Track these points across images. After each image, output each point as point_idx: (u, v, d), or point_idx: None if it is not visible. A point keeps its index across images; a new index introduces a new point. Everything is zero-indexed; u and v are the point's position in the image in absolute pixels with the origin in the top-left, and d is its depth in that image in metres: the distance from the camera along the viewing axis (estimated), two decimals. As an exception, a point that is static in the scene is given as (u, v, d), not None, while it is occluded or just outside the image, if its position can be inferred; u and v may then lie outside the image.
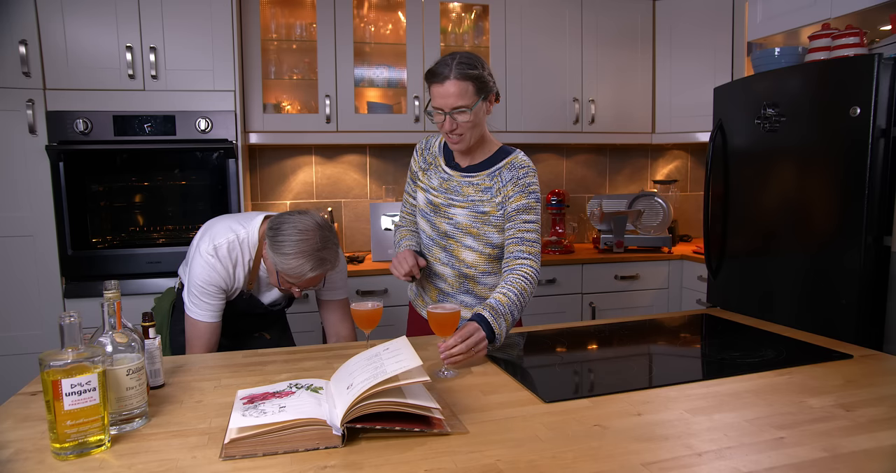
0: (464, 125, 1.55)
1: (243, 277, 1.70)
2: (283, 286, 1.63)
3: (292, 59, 3.10)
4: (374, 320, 1.46)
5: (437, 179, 1.71)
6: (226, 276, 1.65)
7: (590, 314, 3.07)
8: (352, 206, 3.31)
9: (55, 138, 2.45)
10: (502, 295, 1.50)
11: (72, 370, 0.96)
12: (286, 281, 1.60)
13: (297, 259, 1.51)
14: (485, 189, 1.65)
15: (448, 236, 1.68)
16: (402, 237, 1.80)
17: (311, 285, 1.64)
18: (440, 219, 1.69)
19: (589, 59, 3.26)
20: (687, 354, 1.59)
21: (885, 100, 1.86)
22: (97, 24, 2.47)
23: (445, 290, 1.75)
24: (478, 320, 1.42)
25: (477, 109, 1.55)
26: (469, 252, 1.68)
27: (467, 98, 1.52)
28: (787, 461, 0.93)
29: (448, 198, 1.68)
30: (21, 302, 2.48)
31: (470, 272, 1.70)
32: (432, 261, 1.74)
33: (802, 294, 2.13)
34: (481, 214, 1.64)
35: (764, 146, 2.28)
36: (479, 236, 1.65)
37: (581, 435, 1.03)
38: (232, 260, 1.66)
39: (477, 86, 1.53)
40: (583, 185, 3.68)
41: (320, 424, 1.00)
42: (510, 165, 1.65)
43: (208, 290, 1.64)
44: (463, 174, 1.68)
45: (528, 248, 1.60)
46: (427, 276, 1.76)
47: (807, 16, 2.50)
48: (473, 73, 1.52)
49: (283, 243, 1.52)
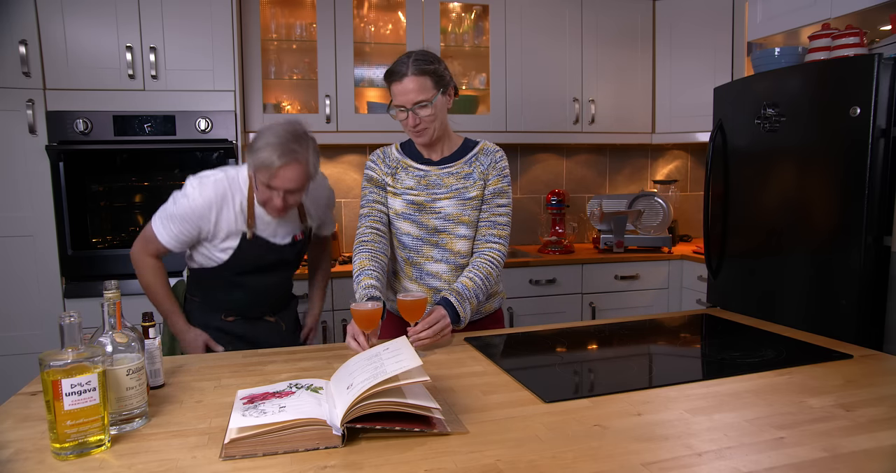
0: (426, 119, 1.60)
1: (233, 217, 1.68)
2: (262, 198, 1.61)
3: (292, 59, 3.10)
4: (374, 320, 1.46)
5: (412, 179, 1.71)
6: (202, 206, 1.64)
7: (590, 314, 3.07)
8: (352, 206, 3.31)
9: (55, 138, 2.45)
10: (468, 280, 1.61)
11: (72, 370, 0.96)
12: (262, 184, 1.57)
13: (265, 150, 1.53)
14: (465, 175, 1.69)
15: (439, 231, 1.70)
16: (363, 269, 1.59)
17: (288, 186, 1.57)
18: (426, 216, 1.70)
19: (589, 58, 3.26)
20: (687, 354, 1.59)
21: (885, 100, 1.86)
22: (97, 24, 2.47)
23: (442, 288, 1.72)
24: (444, 304, 1.54)
25: (437, 102, 1.61)
26: (463, 241, 1.70)
27: (427, 92, 1.58)
28: (787, 461, 0.93)
29: (430, 193, 1.69)
30: (21, 302, 2.48)
31: (464, 262, 1.71)
32: (423, 261, 1.72)
33: (802, 294, 2.13)
34: (469, 200, 1.68)
35: (764, 146, 2.28)
36: (472, 223, 1.69)
37: (581, 435, 1.03)
38: (217, 194, 1.66)
39: (434, 80, 1.59)
40: (583, 185, 3.68)
41: (320, 424, 1.00)
42: (484, 151, 1.73)
43: (180, 214, 1.65)
44: (439, 167, 1.71)
45: (498, 232, 1.70)
46: (416, 278, 1.74)
47: (807, 16, 2.50)
48: (430, 68, 1.58)
49: (254, 142, 1.57)
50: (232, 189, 1.68)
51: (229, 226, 1.70)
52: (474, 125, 3.09)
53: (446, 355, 1.51)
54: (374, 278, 1.56)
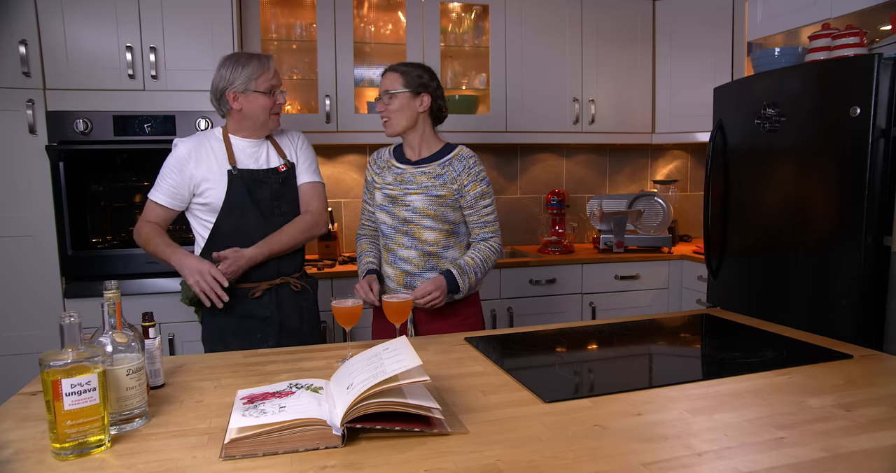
0: (390, 109, 1.85)
1: (213, 159, 1.84)
2: (261, 107, 1.83)
3: (292, 58, 3.10)
4: (355, 317, 1.48)
5: (391, 176, 1.92)
6: (184, 154, 1.83)
7: (590, 314, 3.07)
8: (352, 206, 3.31)
9: (55, 138, 2.45)
10: (469, 259, 1.85)
11: (72, 370, 0.96)
12: (261, 94, 1.81)
13: (245, 68, 1.80)
14: (436, 176, 1.86)
15: (408, 221, 1.87)
16: (363, 251, 1.99)
17: (278, 78, 1.87)
18: (398, 208, 1.87)
19: (589, 58, 3.26)
20: (687, 354, 1.59)
21: (885, 100, 1.86)
22: (97, 24, 2.47)
23: (412, 272, 1.88)
24: (445, 275, 1.78)
25: (403, 98, 1.84)
26: (429, 231, 1.86)
27: (395, 85, 1.84)
28: (787, 461, 0.93)
29: (403, 188, 1.88)
30: (21, 302, 2.48)
31: (432, 249, 1.87)
32: (396, 247, 1.90)
33: (802, 294, 2.13)
34: (437, 198, 1.85)
35: (764, 146, 2.28)
36: (437, 217, 1.85)
37: (581, 435, 1.03)
38: (194, 142, 1.86)
39: (406, 79, 1.84)
40: (583, 185, 3.68)
41: (320, 424, 1.00)
42: (458, 157, 1.89)
43: (168, 168, 1.84)
44: (414, 166, 1.90)
45: (490, 229, 1.91)
46: (391, 262, 1.92)
47: (807, 16, 2.50)
48: (406, 70, 1.86)
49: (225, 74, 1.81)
50: (207, 137, 1.89)
51: (210, 168, 1.83)
52: (474, 125, 3.09)
53: (446, 355, 1.51)
54: (371, 256, 1.95)
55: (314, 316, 2.02)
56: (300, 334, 1.92)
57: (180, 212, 1.90)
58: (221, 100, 1.85)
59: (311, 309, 2.00)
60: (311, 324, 1.99)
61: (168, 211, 1.87)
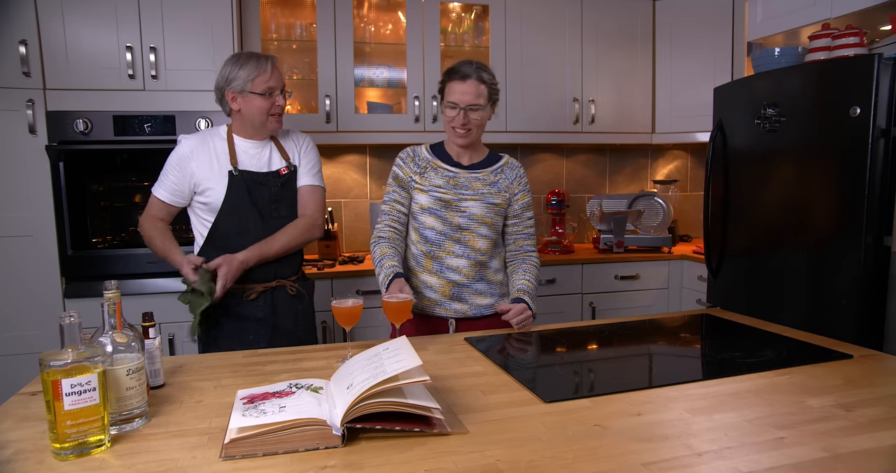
0: (474, 122, 1.76)
1: (214, 158, 1.84)
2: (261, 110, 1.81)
3: (292, 58, 3.10)
4: (355, 317, 1.48)
5: (441, 178, 1.83)
6: (186, 152, 1.84)
7: (590, 314, 3.07)
8: (352, 206, 3.31)
9: (55, 138, 2.45)
10: (528, 282, 1.82)
11: (72, 370, 0.96)
12: (258, 95, 1.79)
13: (243, 68, 1.78)
14: (490, 183, 1.83)
15: (462, 228, 1.80)
16: (384, 254, 1.76)
17: (280, 80, 1.84)
18: (452, 214, 1.80)
19: (589, 58, 3.26)
20: (687, 354, 1.59)
21: (885, 100, 1.86)
22: (97, 24, 2.47)
23: (460, 282, 1.82)
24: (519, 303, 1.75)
25: (485, 111, 1.78)
26: (483, 240, 1.82)
27: (482, 99, 1.75)
28: (787, 461, 0.93)
29: (458, 193, 1.81)
30: (21, 302, 2.48)
31: (483, 258, 1.83)
32: (444, 256, 1.81)
33: (802, 294, 2.13)
34: (493, 206, 1.82)
35: (764, 146, 2.28)
36: (493, 225, 1.83)
37: (581, 435, 1.03)
38: (197, 140, 1.86)
39: (490, 92, 1.77)
40: (583, 185, 3.68)
41: (320, 424, 1.00)
42: (509, 165, 1.89)
43: (171, 164, 1.85)
44: (468, 171, 1.84)
45: (532, 241, 1.92)
46: (436, 271, 1.82)
47: (807, 16, 2.50)
48: (490, 81, 1.78)
49: (226, 74, 1.80)
50: (212, 135, 1.89)
51: (211, 168, 1.83)
52: (474, 125, 3.09)
53: (446, 355, 1.51)
54: (395, 260, 1.75)
55: (310, 318, 2.01)
56: (294, 336, 1.91)
57: (182, 208, 1.91)
58: (223, 99, 1.85)
59: (306, 312, 1.99)
60: (305, 327, 1.98)
61: (170, 206, 1.90)
